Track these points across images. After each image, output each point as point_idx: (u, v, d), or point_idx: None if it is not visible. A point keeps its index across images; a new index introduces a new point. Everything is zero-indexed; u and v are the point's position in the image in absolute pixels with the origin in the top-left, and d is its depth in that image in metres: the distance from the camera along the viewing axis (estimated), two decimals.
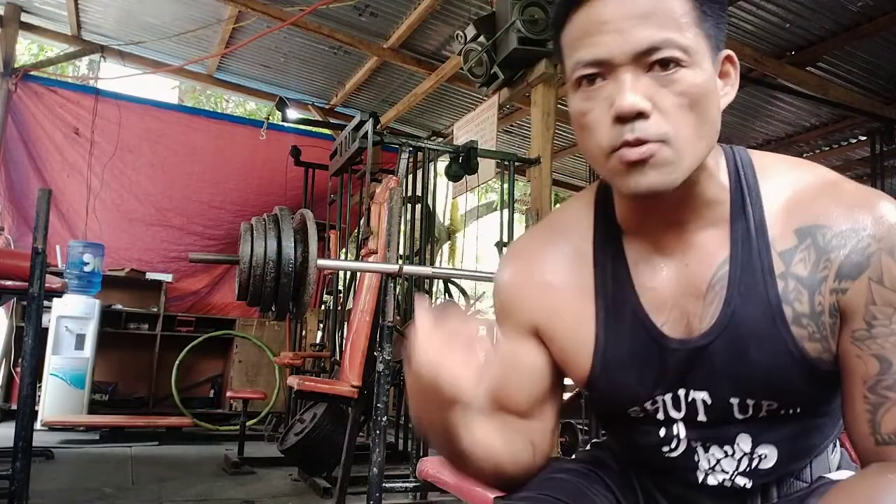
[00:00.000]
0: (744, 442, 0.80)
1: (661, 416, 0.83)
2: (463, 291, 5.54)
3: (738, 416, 0.80)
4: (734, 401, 0.79)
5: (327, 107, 6.75)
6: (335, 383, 3.07)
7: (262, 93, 6.71)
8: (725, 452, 0.81)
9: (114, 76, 6.45)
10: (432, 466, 1.71)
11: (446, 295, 5.42)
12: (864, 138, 5.69)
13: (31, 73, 5.76)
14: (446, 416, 0.76)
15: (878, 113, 4.99)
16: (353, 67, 5.96)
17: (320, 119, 6.59)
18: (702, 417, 0.81)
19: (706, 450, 0.82)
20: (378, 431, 2.22)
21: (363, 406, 2.93)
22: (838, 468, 0.88)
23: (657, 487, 0.89)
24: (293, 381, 3.15)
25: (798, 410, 0.79)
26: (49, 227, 2.38)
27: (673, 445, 0.83)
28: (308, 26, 4.99)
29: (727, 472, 0.82)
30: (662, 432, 0.83)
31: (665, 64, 0.70)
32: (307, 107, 6.72)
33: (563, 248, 0.88)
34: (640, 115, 0.70)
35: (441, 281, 5.68)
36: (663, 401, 0.82)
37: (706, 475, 0.82)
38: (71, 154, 5.75)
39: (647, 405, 0.83)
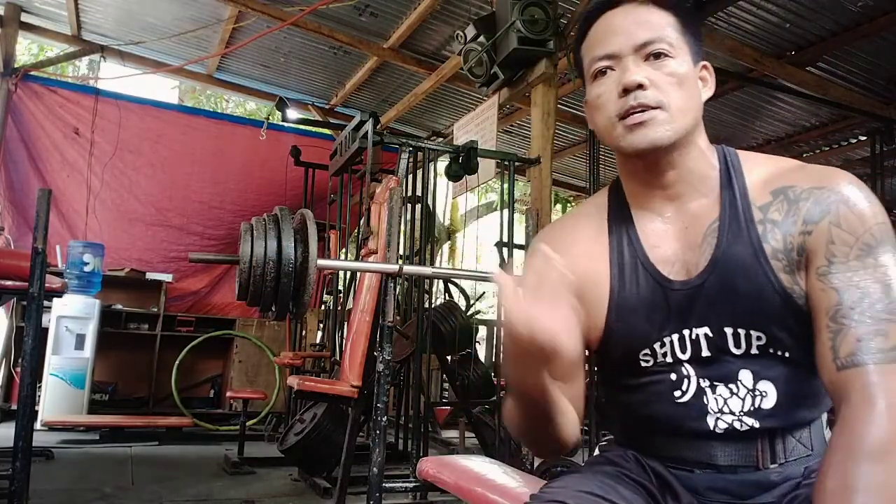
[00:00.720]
0: (745, 378, 0.91)
1: (669, 359, 0.95)
2: (463, 291, 5.55)
3: (734, 349, 0.91)
4: (728, 330, 0.91)
5: (327, 107, 6.75)
6: (335, 383, 3.07)
7: (262, 93, 6.71)
8: (731, 391, 0.91)
9: (114, 76, 6.45)
10: (432, 466, 1.71)
11: (446, 295, 5.42)
12: (864, 138, 5.69)
13: (31, 73, 5.76)
14: (542, 375, 0.86)
15: (878, 113, 4.99)
16: (353, 67, 5.96)
17: (320, 119, 6.59)
18: (705, 353, 0.93)
19: (713, 390, 0.92)
20: (378, 431, 2.22)
21: (363, 406, 2.93)
22: None
23: (668, 460, 0.95)
24: (293, 381, 3.15)
25: (787, 355, 0.90)
26: (49, 227, 2.38)
27: (684, 388, 0.94)
28: (308, 26, 4.99)
29: (735, 413, 0.91)
30: (674, 376, 0.94)
31: (657, 55, 0.93)
32: (307, 107, 6.72)
33: (583, 226, 1.06)
34: (640, 87, 0.91)
35: (441, 281, 5.68)
36: (671, 342, 0.95)
37: (716, 420, 0.91)
38: (71, 154, 5.75)
39: (657, 347, 0.95)
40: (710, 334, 0.92)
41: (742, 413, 0.90)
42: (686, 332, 0.93)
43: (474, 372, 4.33)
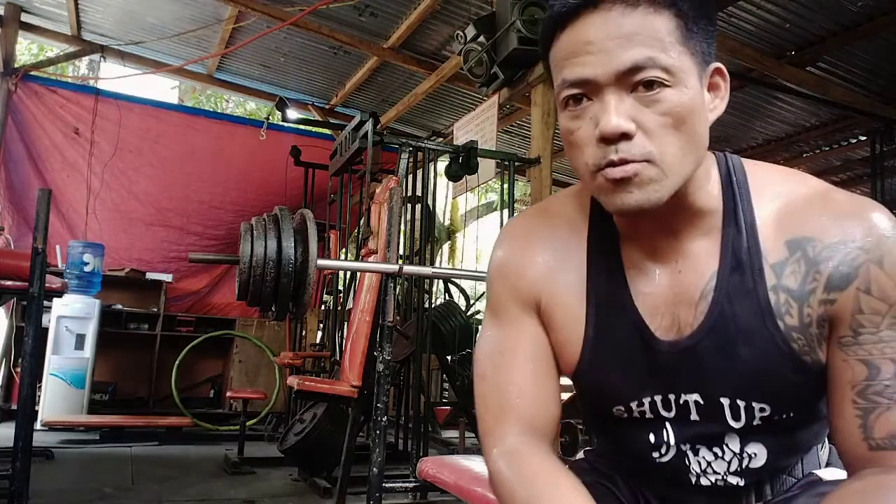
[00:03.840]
0: (732, 442, 0.81)
1: (649, 415, 0.83)
2: (463, 291, 5.55)
3: (732, 422, 0.80)
4: (725, 401, 0.79)
5: (327, 107, 6.74)
6: (335, 383, 3.07)
7: (262, 93, 6.71)
8: (715, 454, 0.82)
9: (114, 76, 6.45)
10: (432, 466, 1.71)
11: (446, 295, 5.42)
12: (864, 138, 5.69)
13: (31, 73, 5.76)
14: None
15: (878, 113, 4.99)
16: (353, 67, 5.96)
17: (320, 119, 6.59)
18: (694, 416, 0.81)
19: (696, 453, 0.83)
20: (378, 431, 2.22)
21: (363, 406, 2.93)
22: (827, 464, 0.89)
23: (650, 489, 0.91)
24: (293, 381, 3.15)
25: (791, 415, 0.80)
26: (49, 227, 2.38)
27: (663, 451, 0.84)
28: (308, 26, 4.99)
29: (719, 473, 0.83)
30: (652, 438, 0.84)
31: (649, 84, 0.70)
32: (307, 107, 6.72)
33: (559, 236, 0.88)
34: (624, 136, 0.70)
35: (441, 281, 5.68)
36: (651, 402, 0.83)
37: (698, 477, 0.84)
38: (71, 154, 5.75)
39: (633, 405, 0.84)
40: (702, 402, 0.80)
41: (728, 473, 0.82)
42: (671, 396, 0.82)
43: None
